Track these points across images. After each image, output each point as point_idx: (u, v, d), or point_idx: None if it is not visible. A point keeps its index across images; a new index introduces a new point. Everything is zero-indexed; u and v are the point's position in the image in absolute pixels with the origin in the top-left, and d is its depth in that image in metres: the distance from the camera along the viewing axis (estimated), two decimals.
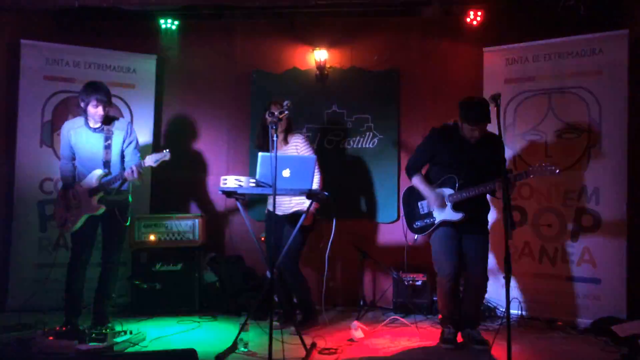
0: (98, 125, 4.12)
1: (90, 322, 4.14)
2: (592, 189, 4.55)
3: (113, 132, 4.15)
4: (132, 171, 3.98)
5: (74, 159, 4.19)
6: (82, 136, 4.13)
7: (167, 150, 3.99)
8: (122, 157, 4.21)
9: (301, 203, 4.21)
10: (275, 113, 3.85)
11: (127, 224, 4.27)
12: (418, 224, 3.98)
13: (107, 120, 4.17)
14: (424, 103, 5.36)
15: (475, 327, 3.94)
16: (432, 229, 3.91)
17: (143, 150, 4.99)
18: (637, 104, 4.52)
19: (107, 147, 4.12)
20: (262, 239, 4.68)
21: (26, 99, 5.02)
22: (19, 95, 5.01)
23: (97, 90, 4.02)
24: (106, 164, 4.11)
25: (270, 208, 4.32)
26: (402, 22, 5.43)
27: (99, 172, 4.07)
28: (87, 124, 4.13)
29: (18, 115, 5.01)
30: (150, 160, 3.99)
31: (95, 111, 4.05)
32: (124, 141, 4.18)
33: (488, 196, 4.00)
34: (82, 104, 4.07)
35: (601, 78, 4.55)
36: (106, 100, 4.05)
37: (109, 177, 4.08)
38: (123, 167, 4.18)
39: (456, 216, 3.81)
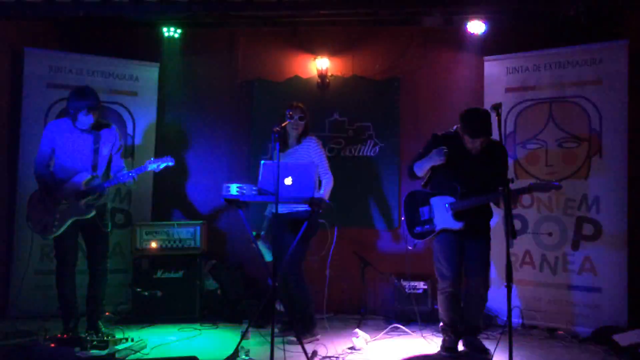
0: (86, 127, 4.09)
1: (85, 329, 4.11)
2: (593, 197, 4.56)
3: (102, 137, 4.12)
4: (132, 176, 4.02)
5: (49, 165, 4.09)
6: (69, 136, 4.07)
7: (169, 156, 4.06)
8: (108, 162, 4.19)
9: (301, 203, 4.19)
10: (293, 116, 3.92)
11: (109, 229, 4.21)
12: (418, 229, 3.98)
13: (97, 126, 4.14)
14: (425, 111, 5.38)
15: (477, 334, 3.94)
16: (432, 235, 3.92)
17: (145, 156, 5.03)
18: (637, 114, 4.53)
19: (96, 151, 4.09)
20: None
21: (29, 106, 5.04)
22: (22, 102, 5.03)
23: (87, 97, 3.98)
24: (94, 167, 4.08)
25: (273, 210, 4.34)
26: (403, 32, 5.46)
27: (86, 175, 4.03)
28: (74, 125, 4.07)
29: (21, 122, 5.03)
30: (152, 165, 4.04)
31: (86, 118, 4.02)
32: (113, 145, 4.18)
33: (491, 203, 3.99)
34: (72, 111, 4.01)
35: (601, 88, 4.57)
36: (95, 107, 4.01)
37: (95, 181, 4.05)
38: (108, 172, 4.18)
39: (457, 225, 3.81)
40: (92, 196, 4.03)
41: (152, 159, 4.12)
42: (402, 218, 4.11)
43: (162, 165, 4.08)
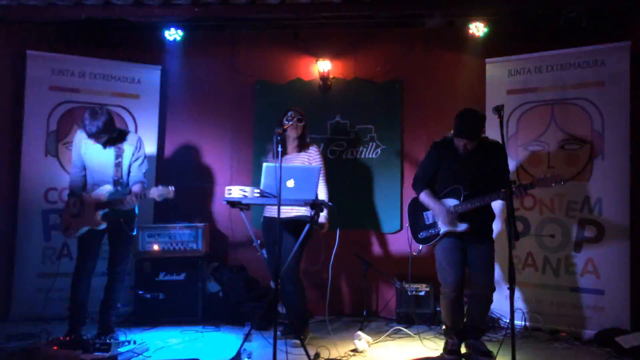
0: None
1: (96, 332, 4.15)
2: (596, 199, 4.55)
3: (124, 149, 4.17)
4: (134, 199, 4.07)
5: (84, 168, 4.22)
6: (92, 148, 4.16)
7: (172, 187, 4.03)
8: (129, 172, 4.23)
9: (301, 208, 4.20)
10: (293, 118, 4.00)
11: (134, 233, 4.29)
12: (423, 234, 3.98)
13: (119, 136, 4.18)
14: (427, 113, 5.38)
15: (480, 337, 3.93)
16: (436, 239, 3.91)
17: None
18: (639, 115, 4.53)
19: (118, 165, 4.15)
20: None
21: (32, 109, 5.05)
22: (24, 105, 5.04)
23: (89, 123, 3.96)
24: (116, 182, 4.14)
25: (267, 214, 4.35)
26: (405, 34, 5.47)
27: (108, 187, 4.10)
28: None
29: (23, 125, 5.04)
30: (155, 194, 4.00)
31: (93, 140, 4.08)
32: (132, 155, 4.21)
33: (492, 204, 3.99)
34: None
35: (603, 89, 4.57)
36: (94, 133, 3.99)
37: (117, 195, 4.11)
38: (128, 184, 4.22)
39: (461, 227, 3.81)
40: (110, 209, 4.09)
41: (159, 186, 4.04)
42: (407, 225, 4.10)
43: (164, 197, 4.02)
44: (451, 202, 3.85)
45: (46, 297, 4.72)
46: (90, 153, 4.17)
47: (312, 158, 4.35)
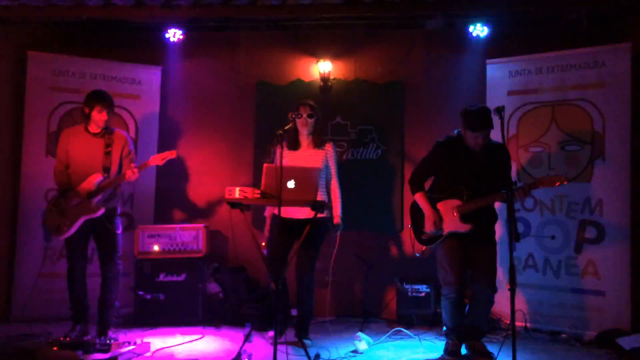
0: (99, 130, 4.20)
1: (95, 332, 4.15)
2: (596, 200, 4.55)
3: (114, 140, 4.23)
4: (133, 172, 4.08)
5: (67, 167, 4.21)
6: (81, 140, 4.20)
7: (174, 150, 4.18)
8: (120, 166, 4.26)
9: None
10: (301, 115, 4.13)
11: (118, 231, 4.25)
12: (426, 235, 3.97)
13: (109, 131, 4.25)
14: (428, 114, 5.38)
15: (480, 338, 3.93)
16: (440, 240, 3.90)
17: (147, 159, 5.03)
18: None
19: (108, 154, 4.19)
20: (263, 244, 4.48)
21: (32, 109, 5.06)
22: (25, 105, 5.05)
23: (102, 97, 4.15)
24: (106, 169, 4.16)
25: (276, 212, 4.33)
26: (406, 34, 5.47)
27: (97, 176, 4.11)
28: (87, 129, 4.21)
29: (24, 125, 5.04)
30: (157, 159, 4.14)
31: (100, 116, 4.15)
32: (122, 150, 4.26)
33: (494, 205, 3.98)
34: (87, 110, 4.16)
35: (604, 90, 4.57)
36: (109, 107, 4.18)
37: (106, 181, 4.12)
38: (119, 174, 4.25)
39: (464, 228, 3.80)
40: (102, 196, 4.11)
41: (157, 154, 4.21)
42: (409, 225, 4.09)
43: (166, 159, 4.16)
44: (453, 202, 3.84)
45: (47, 298, 4.73)
46: (77, 144, 4.19)
47: (329, 156, 4.34)
